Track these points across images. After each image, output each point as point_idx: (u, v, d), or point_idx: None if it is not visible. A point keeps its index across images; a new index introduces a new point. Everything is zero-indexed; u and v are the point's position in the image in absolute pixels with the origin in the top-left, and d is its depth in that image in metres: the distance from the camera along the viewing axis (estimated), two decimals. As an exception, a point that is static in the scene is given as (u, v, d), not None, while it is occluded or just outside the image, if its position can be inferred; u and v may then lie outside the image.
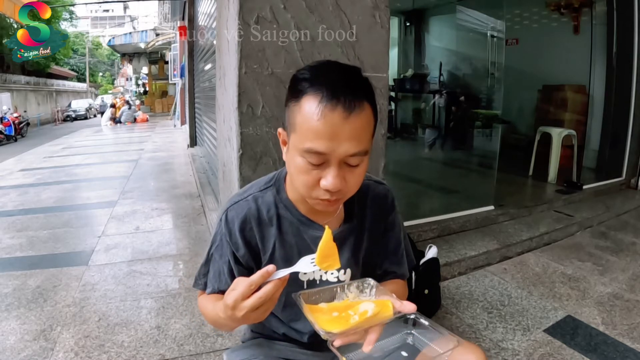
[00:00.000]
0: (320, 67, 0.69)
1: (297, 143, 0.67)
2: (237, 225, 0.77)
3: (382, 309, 0.64)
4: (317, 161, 0.65)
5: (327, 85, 0.64)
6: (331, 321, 0.62)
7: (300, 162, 0.67)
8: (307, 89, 0.65)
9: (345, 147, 0.64)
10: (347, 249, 0.82)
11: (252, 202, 0.79)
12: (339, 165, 0.66)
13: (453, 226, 2.66)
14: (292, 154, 0.69)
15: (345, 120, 0.63)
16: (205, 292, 0.82)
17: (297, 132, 0.67)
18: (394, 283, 0.88)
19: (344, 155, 0.65)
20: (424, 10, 5.78)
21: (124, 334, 1.75)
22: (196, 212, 3.58)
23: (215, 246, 0.80)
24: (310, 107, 0.64)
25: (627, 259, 2.49)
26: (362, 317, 0.62)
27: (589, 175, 4.05)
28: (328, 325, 0.61)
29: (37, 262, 2.56)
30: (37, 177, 5.52)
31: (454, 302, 1.99)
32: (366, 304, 0.65)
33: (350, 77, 0.67)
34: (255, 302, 0.59)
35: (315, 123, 0.63)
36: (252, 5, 1.57)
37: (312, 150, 0.64)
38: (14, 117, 12.26)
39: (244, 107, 1.61)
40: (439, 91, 4.81)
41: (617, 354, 1.59)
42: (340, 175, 0.66)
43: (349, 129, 0.63)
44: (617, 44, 3.96)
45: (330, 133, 0.63)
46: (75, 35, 33.84)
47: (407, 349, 0.67)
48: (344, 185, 0.67)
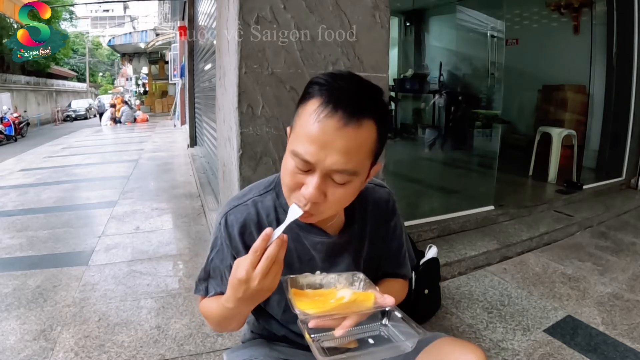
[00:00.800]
0: (336, 75, 0.66)
1: (291, 144, 0.66)
2: (236, 230, 0.77)
3: (361, 299, 0.66)
4: (304, 167, 0.63)
5: (332, 92, 0.62)
6: (310, 304, 0.64)
7: (289, 164, 0.66)
8: (315, 93, 0.64)
9: (332, 160, 0.61)
10: (348, 254, 0.80)
11: (251, 207, 0.78)
12: (323, 178, 0.63)
13: (453, 226, 2.66)
14: (287, 153, 0.68)
15: (339, 131, 0.60)
16: (207, 296, 0.81)
17: (295, 133, 0.66)
18: (393, 281, 0.88)
19: (329, 169, 0.62)
20: (424, 10, 5.78)
21: (124, 334, 1.75)
22: (196, 212, 3.58)
23: (216, 251, 0.79)
24: (310, 111, 0.63)
25: (627, 259, 2.49)
26: (338, 302, 0.64)
27: (589, 175, 4.05)
28: (306, 307, 0.63)
29: (37, 262, 2.56)
30: (37, 177, 5.52)
31: (454, 302, 1.99)
32: (344, 291, 0.67)
33: (361, 91, 0.64)
34: (265, 264, 0.60)
35: (309, 127, 0.62)
36: (252, 5, 1.57)
37: (300, 155, 0.62)
38: (14, 117, 12.26)
39: (244, 107, 1.61)
40: (439, 91, 4.81)
41: (617, 354, 1.59)
42: (320, 188, 0.63)
43: (340, 142, 0.61)
44: (617, 44, 3.96)
45: (322, 141, 0.61)
46: (75, 35, 33.85)
47: (377, 339, 0.68)
48: (321, 199, 0.64)
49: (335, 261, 0.80)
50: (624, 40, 3.91)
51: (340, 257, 0.80)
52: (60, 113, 19.92)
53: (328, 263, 0.79)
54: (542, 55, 4.84)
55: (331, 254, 0.79)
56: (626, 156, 4.02)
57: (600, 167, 4.19)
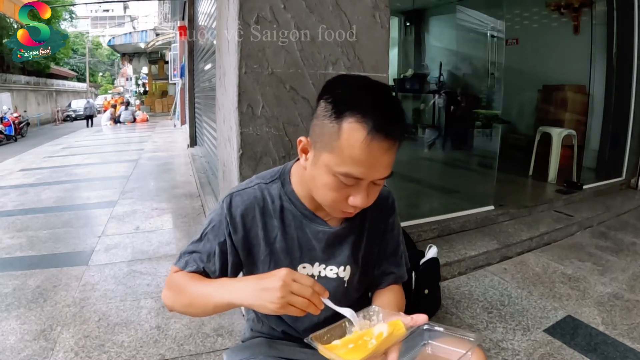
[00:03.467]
0: (362, 91, 0.68)
1: (332, 164, 0.67)
2: (239, 211, 0.78)
3: (395, 328, 0.64)
4: (351, 183, 0.68)
5: (375, 118, 0.64)
6: (350, 352, 0.62)
7: (331, 181, 0.69)
8: (352, 115, 0.65)
9: (380, 173, 0.68)
10: (347, 246, 0.83)
11: (258, 191, 0.80)
12: (369, 186, 0.70)
13: (453, 226, 2.66)
14: (322, 171, 0.69)
15: (387, 152, 0.66)
16: (185, 270, 0.77)
17: (334, 154, 0.67)
18: (391, 292, 0.88)
19: (376, 179, 0.69)
20: (424, 10, 5.78)
21: (124, 334, 1.75)
22: (196, 212, 3.58)
23: (212, 226, 0.79)
24: (356, 136, 0.64)
25: (627, 259, 2.49)
26: (379, 340, 0.62)
27: (589, 175, 4.05)
28: (350, 356, 0.60)
29: (37, 262, 2.56)
30: (37, 177, 5.52)
31: (454, 302, 1.99)
32: (380, 326, 0.66)
33: (396, 109, 0.68)
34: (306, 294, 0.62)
35: (358, 152, 0.65)
36: (252, 5, 1.57)
37: (351, 175, 0.67)
38: (14, 117, 12.28)
39: (244, 107, 1.61)
40: (439, 91, 4.81)
41: (617, 354, 1.59)
42: (369, 194, 0.71)
43: (387, 159, 0.67)
44: (617, 44, 3.95)
45: (371, 162, 0.66)
46: (75, 35, 33.85)
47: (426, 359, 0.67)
48: (370, 202, 0.72)
49: (334, 252, 0.82)
50: (624, 40, 3.90)
51: (340, 249, 0.82)
52: (60, 113, 19.93)
53: (327, 254, 0.82)
54: (542, 55, 4.84)
55: (331, 245, 0.82)
56: (626, 156, 4.02)
57: (600, 167, 4.19)
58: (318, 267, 0.82)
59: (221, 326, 1.79)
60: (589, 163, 4.27)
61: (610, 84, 4.07)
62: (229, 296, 0.67)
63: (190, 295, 0.73)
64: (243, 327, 0.93)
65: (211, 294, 0.70)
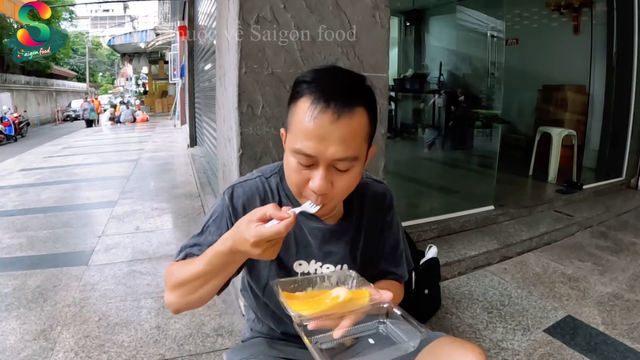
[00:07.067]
0: (321, 71, 0.70)
1: (290, 143, 0.69)
2: (241, 202, 0.78)
3: (357, 297, 0.65)
4: (306, 162, 0.67)
5: (322, 89, 0.66)
6: (304, 305, 0.63)
7: (292, 162, 0.69)
8: (304, 91, 0.67)
9: (332, 151, 0.65)
10: (344, 244, 0.82)
11: (259, 183, 0.80)
12: (327, 168, 0.67)
13: (453, 226, 2.66)
14: (287, 153, 0.71)
15: (334, 123, 0.64)
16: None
17: (291, 132, 0.69)
18: (388, 283, 0.88)
19: (331, 159, 0.66)
20: (424, 10, 5.77)
21: (124, 334, 1.75)
22: (196, 212, 3.58)
23: (214, 218, 0.78)
24: (304, 109, 0.66)
25: (627, 259, 2.49)
26: (334, 302, 0.63)
27: (589, 175, 4.05)
28: (300, 308, 0.62)
29: (37, 262, 2.56)
30: (37, 177, 5.52)
31: (454, 302, 1.99)
32: (338, 290, 0.66)
33: (347, 82, 0.69)
34: (275, 233, 0.58)
35: (305, 124, 0.65)
36: (252, 5, 1.57)
37: (301, 151, 0.66)
38: (14, 117, 12.27)
39: (244, 107, 1.61)
40: (439, 91, 4.81)
41: (617, 354, 1.59)
42: (327, 178, 0.67)
43: (337, 133, 0.65)
44: (617, 44, 3.96)
45: (319, 135, 0.65)
46: (75, 35, 33.83)
47: (377, 337, 0.67)
48: (329, 188, 0.68)
49: (331, 250, 0.81)
50: (624, 40, 3.91)
51: (336, 247, 0.82)
52: (60, 113, 19.93)
53: (324, 251, 0.81)
54: (542, 55, 4.84)
55: (327, 242, 0.81)
56: (626, 156, 4.02)
57: (600, 167, 4.19)
58: (314, 265, 0.81)
59: (221, 326, 1.79)
60: (589, 163, 4.27)
61: (610, 84, 4.08)
62: (227, 250, 0.64)
63: (187, 277, 0.70)
64: (243, 327, 0.93)
65: (215, 257, 0.66)
